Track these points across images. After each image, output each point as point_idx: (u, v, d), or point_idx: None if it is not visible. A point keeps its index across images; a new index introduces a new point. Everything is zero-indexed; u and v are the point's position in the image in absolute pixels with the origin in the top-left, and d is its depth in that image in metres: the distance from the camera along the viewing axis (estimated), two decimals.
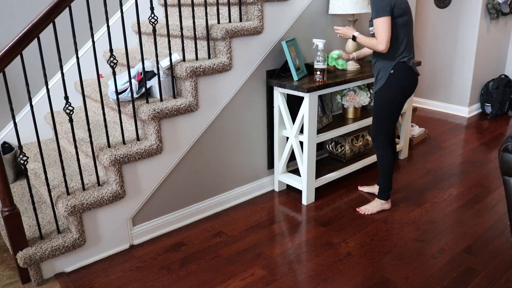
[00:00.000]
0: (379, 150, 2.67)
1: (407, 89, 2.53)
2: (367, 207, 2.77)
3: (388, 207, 2.78)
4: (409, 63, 2.47)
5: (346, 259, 2.30)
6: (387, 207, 2.78)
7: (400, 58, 2.45)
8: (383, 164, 2.68)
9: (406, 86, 2.51)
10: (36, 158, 2.75)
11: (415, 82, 2.55)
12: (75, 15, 2.23)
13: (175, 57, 2.48)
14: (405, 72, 2.47)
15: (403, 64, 2.46)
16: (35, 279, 2.17)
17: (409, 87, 2.54)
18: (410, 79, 2.51)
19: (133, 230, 2.49)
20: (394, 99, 2.52)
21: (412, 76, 2.51)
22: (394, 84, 2.48)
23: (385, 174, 2.69)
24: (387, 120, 2.59)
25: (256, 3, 2.63)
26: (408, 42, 2.46)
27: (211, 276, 2.20)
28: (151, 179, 2.47)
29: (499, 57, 4.84)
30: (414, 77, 2.53)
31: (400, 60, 2.45)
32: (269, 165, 3.07)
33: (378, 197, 2.78)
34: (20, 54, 1.93)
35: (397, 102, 2.53)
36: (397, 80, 2.48)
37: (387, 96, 2.52)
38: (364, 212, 2.76)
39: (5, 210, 2.05)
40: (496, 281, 2.09)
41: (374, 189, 2.97)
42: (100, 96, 2.27)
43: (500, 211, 2.73)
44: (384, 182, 2.72)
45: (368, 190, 3.03)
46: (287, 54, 2.70)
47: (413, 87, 2.56)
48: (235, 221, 2.72)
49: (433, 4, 4.68)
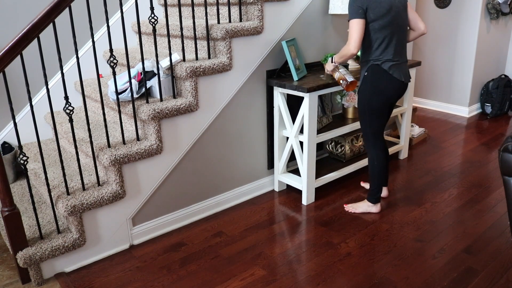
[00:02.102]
0: (368, 152, 2.66)
1: (383, 92, 2.46)
2: (353, 205, 2.79)
3: (376, 210, 2.74)
4: (384, 66, 2.41)
5: (346, 259, 2.30)
6: (374, 210, 2.74)
7: (374, 61, 2.42)
8: (371, 166, 2.65)
9: (381, 89, 2.45)
10: (36, 158, 2.75)
11: (395, 86, 2.46)
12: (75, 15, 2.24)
13: (175, 57, 2.48)
14: (379, 75, 2.43)
15: (377, 67, 2.42)
16: (35, 279, 2.17)
17: (387, 90, 2.46)
18: (386, 82, 2.44)
19: (133, 230, 2.49)
20: (370, 101, 2.49)
21: (389, 80, 2.43)
22: (368, 86, 2.47)
23: (374, 177, 2.66)
24: (369, 122, 2.55)
25: (256, 3, 2.63)
26: (387, 46, 2.39)
27: (211, 276, 2.20)
28: (151, 179, 2.47)
29: (499, 57, 4.84)
30: (394, 82, 2.45)
31: (374, 63, 2.42)
32: (269, 165, 3.07)
33: (367, 199, 2.75)
34: (20, 54, 1.93)
35: (375, 104, 2.49)
36: (370, 82, 2.46)
37: (363, 97, 2.51)
38: (348, 210, 2.77)
39: (5, 210, 2.05)
40: (496, 281, 2.09)
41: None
42: (100, 96, 2.27)
43: (500, 211, 2.73)
44: (372, 184, 2.68)
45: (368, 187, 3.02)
46: (287, 54, 2.70)
47: (392, 91, 2.47)
48: (235, 221, 2.72)
49: (433, 4, 4.68)
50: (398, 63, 2.45)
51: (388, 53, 2.41)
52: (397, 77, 2.44)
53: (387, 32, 2.38)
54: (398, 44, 2.43)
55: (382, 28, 2.36)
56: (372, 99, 2.48)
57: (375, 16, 2.33)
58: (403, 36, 2.47)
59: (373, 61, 2.43)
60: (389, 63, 2.42)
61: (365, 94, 2.49)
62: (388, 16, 2.35)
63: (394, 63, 2.43)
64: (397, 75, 2.44)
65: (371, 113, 2.52)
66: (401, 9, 2.41)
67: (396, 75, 2.43)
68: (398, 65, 2.45)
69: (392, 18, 2.36)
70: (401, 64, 2.47)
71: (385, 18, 2.35)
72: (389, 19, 2.35)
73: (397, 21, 2.40)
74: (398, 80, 2.45)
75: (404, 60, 2.51)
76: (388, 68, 2.41)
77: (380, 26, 2.36)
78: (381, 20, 2.34)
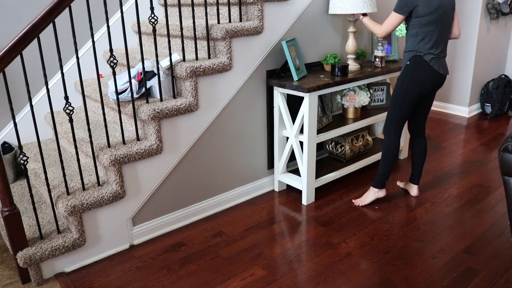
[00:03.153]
0: (386, 138, 2.75)
1: (421, 82, 2.58)
2: (361, 199, 2.87)
3: (383, 195, 2.85)
4: (426, 58, 2.53)
5: (346, 259, 2.30)
6: (382, 195, 2.85)
7: (417, 52, 2.54)
8: (386, 153, 2.75)
9: (420, 78, 2.57)
10: (36, 158, 2.75)
11: (433, 78, 2.59)
12: (75, 15, 2.23)
13: (175, 57, 2.48)
14: (421, 65, 2.55)
15: (419, 58, 2.55)
16: (35, 279, 2.17)
17: (425, 80, 2.58)
18: (425, 72, 2.56)
19: (133, 230, 2.49)
20: (408, 88, 2.60)
21: (429, 71, 2.56)
22: (409, 75, 2.58)
23: (385, 161, 2.76)
24: (397, 110, 2.66)
25: (256, 3, 2.63)
26: (431, 40, 2.52)
27: (211, 276, 2.20)
28: (151, 179, 2.47)
29: (499, 57, 4.84)
30: (433, 73, 2.57)
31: (417, 54, 2.55)
32: (269, 165, 3.07)
33: (373, 185, 2.84)
34: (20, 54, 1.93)
35: (409, 93, 2.60)
36: (412, 71, 2.58)
37: (401, 83, 2.62)
38: (358, 204, 2.85)
39: (5, 210, 2.05)
40: (496, 281, 2.09)
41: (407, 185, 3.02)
42: (100, 96, 2.27)
43: (500, 211, 2.73)
44: (383, 169, 2.78)
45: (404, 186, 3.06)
46: (287, 54, 2.70)
47: (430, 82, 2.60)
48: (235, 221, 2.72)
49: None
50: (438, 57, 2.57)
51: (431, 46, 2.53)
52: (436, 69, 2.56)
53: (432, 28, 2.50)
54: (441, 40, 2.56)
55: (429, 23, 2.49)
56: (410, 87, 2.59)
57: (424, 12, 2.46)
58: (447, 33, 2.59)
59: (417, 52, 2.55)
60: (431, 55, 2.54)
61: (404, 81, 2.61)
62: (436, 13, 2.47)
63: (435, 56, 2.55)
64: (437, 68, 2.56)
65: (404, 99, 2.63)
66: (449, 9, 2.53)
67: (435, 67, 2.55)
68: (438, 58, 2.57)
69: (439, 16, 2.48)
70: (441, 58, 2.59)
71: (433, 15, 2.47)
72: (436, 16, 2.48)
73: (444, 19, 2.52)
74: (437, 72, 2.57)
75: (444, 55, 2.63)
76: (429, 60, 2.53)
77: (427, 21, 2.48)
78: (428, 17, 2.47)
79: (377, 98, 3.42)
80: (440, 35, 2.54)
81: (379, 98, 3.42)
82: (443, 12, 2.50)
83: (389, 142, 2.74)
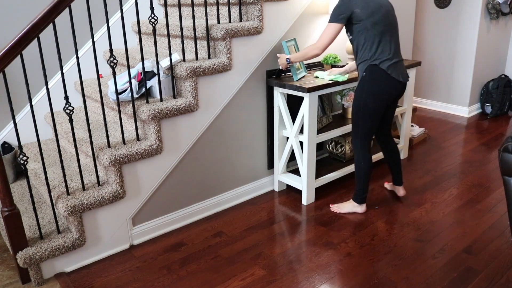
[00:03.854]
0: (355, 153, 2.62)
1: (381, 93, 2.42)
2: (339, 205, 2.79)
3: (361, 211, 2.73)
4: (382, 66, 2.36)
5: (346, 259, 2.30)
6: (359, 210, 2.73)
7: (372, 61, 2.37)
8: (357, 168, 2.62)
9: (378, 91, 2.41)
10: (36, 158, 2.75)
11: (393, 88, 2.42)
12: (75, 15, 2.23)
13: (175, 57, 2.48)
14: (377, 76, 2.38)
15: (375, 67, 2.37)
16: (35, 279, 2.17)
17: (384, 92, 2.42)
18: (383, 83, 2.39)
19: (133, 230, 2.49)
20: (367, 102, 2.44)
21: (387, 81, 2.39)
22: (366, 87, 2.42)
23: (360, 178, 2.64)
24: (361, 125, 2.51)
25: (256, 3, 2.64)
26: (384, 44, 2.36)
27: (211, 276, 2.20)
28: (151, 179, 2.47)
29: (499, 57, 4.84)
30: (393, 82, 2.40)
31: (372, 63, 2.38)
32: (269, 165, 3.07)
33: (353, 198, 2.74)
34: (20, 54, 1.93)
35: (371, 105, 2.44)
36: (368, 83, 2.41)
37: (359, 98, 2.46)
38: (334, 210, 2.78)
39: (5, 210, 2.05)
40: (496, 281, 2.09)
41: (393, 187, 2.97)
42: (100, 96, 2.27)
43: (500, 211, 2.73)
44: (358, 185, 2.67)
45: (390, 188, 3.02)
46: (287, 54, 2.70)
47: (390, 91, 2.43)
48: (235, 221, 2.72)
49: (433, 4, 4.68)
50: (395, 62, 2.41)
51: (385, 51, 2.37)
52: (395, 77, 2.40)
53: (380, 29, 2.35)
54: (393, 42, 2.41)
55: (375, 25, 2.34)
56: (369, 101, 2.44)
57: (365, 15, 2.32)
58: (397, 35, 2.45)
59: (371, 60, 2.38)
60: (387, 62, 2.38)
61: (362, 95, 2.45)
62: (379, 13, 2.34)
63: (392, 62, 2.39)
64: (396, 75, 2.40)
65: (366, 114, 2.47)
66: (391, 9, 2.43)
67: (394, 75, 2.40)
68: (396, 64, 2.41)
69: (383, 15, 2.35)
70: (398, 63, 2.44)
71: (376, 15, 2.34)
72: (380, 16, 2.34)
73: (389, 17, 2.39)
74: (396, 80, 2.41)
75: (401, 59, 2.49)
76: (386, 67, 2.37)
77: (373, 23, 2.34)
78: (372, 18, 2.33)
79: None
80: (391, 37, 2.38)
81: None
82: (386, 11, 2.36)
83: (358, 157, 2.60)
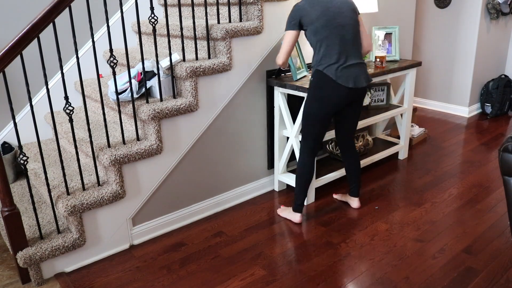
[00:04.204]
0: (299, 157, 2.56)
1: (326, 100, 2.33)
2: (284, 208, 2.76)
3: (295, 220, 2.63)
4: (327, 71, 2.27)
5: (346, 259, 2.30)
6: (293, 219, 2.64)
7: (317, 66, 2.32)
8: (299, 171, 2.55)
9: (324, 97, 2.33)
10: (36, 158, 2.75)
11: (340, 94, 2.30)
12: (75, 15, 2.24)
13: (175, 57, 2.48)
14: (323, 82, 2.30)
15: (319, 73, 2.31)
16: (35, 279, 2.17)
17: (330, 98, 2.32)
18: (329, 89, 2.30)
19: (133, 230, 2.49)
20: (311, 108, 2.39)
21: (333, 87, 2.29)
22: (311, 93, 2.38)
23: (298, 183, 2.56)
24: (307, 128, 2.45)
25: (256, 3, 2.64)
26: (329, 48, 2.27)
27: (211, 276, 2.20)
28: (151, 179, 2.47)
29: (499, 57, 4.83)
30: (340, 89, 2.28)
31: (317, 68, 2.32)
32: (269, 165, 3.07)
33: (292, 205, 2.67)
34: (20, 54, 1.93)
35: (314, 112, 2.38)
36: (313, 88, 2.36)
37: (306, 103, 2.43)
38: (277, 211, 2.77)
39: (5, 210, 2.05)
40: (496, 281, 2.09)
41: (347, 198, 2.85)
42: (100, 96, 2.27)
43: (500, 211, 2.73)
44: (297, 189, 2.57)
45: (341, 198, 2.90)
46: None
47: (337, 98, 2.32)
48: (235, 221, 2.72)
49: (433, 4, 4.68)
50: (345, 66, 2.29)
51: (331, 56, 2.28)
52: (343, 83, 2.28)
53: (325, 34, 2.27)
54: (343, 45, 2.29)
55: (321, 29, 2.27)
56: (314, 106, 2.37)
57: (309, 20, 2.27)
58: (350, 36, 2.30)
59: (317, 65, 2.32)
60: (333, 67, 2.28)
61: (307, 100, 2.41)
62: (324, 17, 2.26)
63: (340, 66, 2.28)
64: (343, 81, 2.27)
65: (312, 119, 2.41)
66: (344, 9, 2.30)
67: (341, 81, 2.27)
68: (346, 68, 2.29)
69: (330, 18, 2.27)
70: (350, 67, 2.30)
71: (322, 19, 2.26)
72: (326, 19, 2.26)
73: (337, 21, 2.28)
74: (344, 86, 2.29)
75: (356, 62, 2.32)
76: (333, 73, 2.27)
77: (317, 28, 2.28)
78: (317, 23, 2.27)
79: (377, 98, 3.42)
80: (339, 39, 2.27)
81: (379, 98, 3.42)
82: (335, 13, 2.27)
83: (302, 161, 2.52)
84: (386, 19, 3.60)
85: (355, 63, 2.33)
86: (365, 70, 2.40)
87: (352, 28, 2.32)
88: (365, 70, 2.39)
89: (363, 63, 2.39)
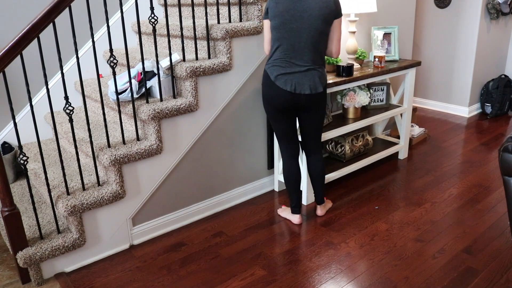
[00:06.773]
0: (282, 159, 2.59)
1: (268, 98, 2.32)
2: (283, 208, 2.78)
3: (293, 221, 2.64)
4: (270, 71, 2.25)
5: (346, 259, 2.30)
6: (291, 219, 2.66)
7: (266, 64, 2.33)
8: (283, 175, 2.59)
9: (265, 95, 2.33)
10: (36, 158, 2.75)
11: (281, 96, 2.26)
12: (75, 15, 2.24)
13: (175, 57, 2.48)
14: (265, 79, 2.32)
15: (264, 71, 2.32)
16: (35, 279, 2.17)
17: (271, 97, 2.29)
18: (269, 90, 2.29)
19: (133, 230, 2.49)
20: (263, 106, 2.44)
21: (273, 88, 2.25)
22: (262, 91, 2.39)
23: (286, 186, 2.60)
24: (273, 128, 2.49)
25: (256, 3, 2.64)
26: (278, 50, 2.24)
27: (211, 276, 2.20)
28: (151, 179, 2.47)
29: (499, 57, 4.84)
30: (279, 91, 2.24)
31: (265, 66, 2.33)
32: (269, 165, 3.07)
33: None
34: (20, 54, 1.93)
35: (266, 110, 2.42)
36: (262, 86, 2.39)
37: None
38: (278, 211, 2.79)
39: (5, 210, 2.05)
40: (496, 281, 2.09)
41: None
42: (100, 96, 2.27)
43: (500, 211, 2.73)
44: (288, 193, 2.63)
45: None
46: None
47: (279, 100, 2.28)
48: (235, 221, 2.72)
49: (433, 4, 4.68)
50: (287, 71, 2.24)
51: (279, 57, 2.26)
52: (281, 86, 2.23)
53: (279, 34, 2.23)
54: (292, 50, 2.22)
55: (274, 29, 2.25)
56: (263, 104, 2.43)
57: (272, 14, 2.24)
58: (302, 44, 2.21)
59: (266, 63, 2.32)
60: (277, 69, 2.26)
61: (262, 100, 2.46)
62: (281, 17, 2.20)
63: (283, 69, 2.24)
64: (282, 84, 2.23)
65: (268, 117, 2.47)
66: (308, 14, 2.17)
67: (280, 83, 2.23)
68: (288, 74, 2.24)
69: (283, 21, 2.19)
70: (295, 73, 2.23)
71: (277, 19, 2.21)
72: (280, 21, 2.20)
73: (292, 25, 2.19)
74: (282, 89, 2.24)
75: (303, 69, 2.23)
76: (273, 74, 2.26)
77: (273, 26, 2.26)
78: (274, 21, 2.23)
79: (377, 98, 3.42)
80: (290, 44, 2.19)
81: (379, 98, 3.42)
82: (290, 18, 2.17)
83: (283, 162, 2.56)
84: (386, 19, 3.60)
85: (302, 70, 2.23)
86: (315, 78, 2.26)
87: (307, 35, 2.20)
88: (314, 78, 2.26)
89: (314, 69, 2.26)
